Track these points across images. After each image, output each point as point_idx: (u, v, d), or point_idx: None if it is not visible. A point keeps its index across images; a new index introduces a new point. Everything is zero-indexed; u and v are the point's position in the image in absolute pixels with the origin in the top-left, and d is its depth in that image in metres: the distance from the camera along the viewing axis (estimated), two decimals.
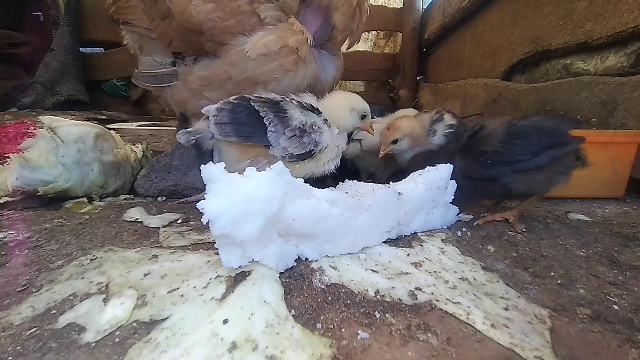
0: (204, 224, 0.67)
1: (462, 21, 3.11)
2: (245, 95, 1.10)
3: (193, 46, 1.22)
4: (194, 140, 1.07)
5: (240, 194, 0.67)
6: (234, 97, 1.09)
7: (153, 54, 1.40)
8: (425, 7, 4.12)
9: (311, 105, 1.15)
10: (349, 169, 1.69)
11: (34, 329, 0.59)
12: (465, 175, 1.05)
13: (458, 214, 1.08)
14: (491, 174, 1.02)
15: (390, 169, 1.63)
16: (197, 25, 1.15)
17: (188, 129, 1.09)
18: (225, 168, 1.06)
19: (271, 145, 1.05)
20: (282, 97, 1.12)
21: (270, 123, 1.04)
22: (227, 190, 0.67)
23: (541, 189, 1.06)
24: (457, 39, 3.31)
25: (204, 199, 1.21)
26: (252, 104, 1.06)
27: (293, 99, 1.13)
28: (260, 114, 1.04)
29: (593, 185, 1.37)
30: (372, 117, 1.35)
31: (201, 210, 0.66)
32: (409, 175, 1.06)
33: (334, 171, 1.23)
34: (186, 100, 1.30)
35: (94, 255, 0.83)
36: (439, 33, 3.60)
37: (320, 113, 1.15)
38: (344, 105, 1.21)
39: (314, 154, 1.10)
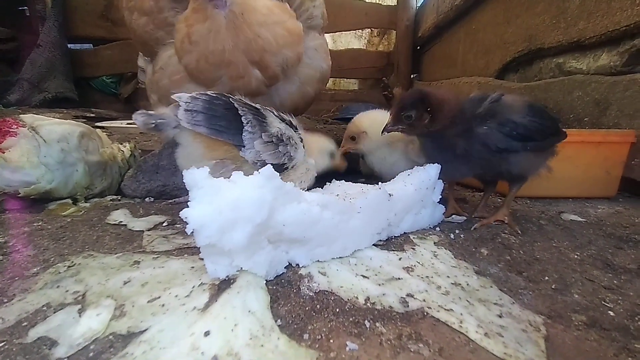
0: (188, 234, 0.63)
1: (456, 19, 3.10)
2: (225, 93, 1.04)
3: (146, 52, 1.25)
4: (153, 125, 0.96)
5: (227, 201, 0.63)
6: (212, 91, 1.02)
7: None
8: (419, 5, 4.10)
9: (290, 120, 1.11)
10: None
11: (2, 344, 0.55)
12: (479, 142, 0.96)
13: (443, 213, 1.06)
14: (506, 146, 0.96)
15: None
16: (141, 38, 1.17)
17: (149, 111, 0.99)
18: (184, 164, 0.98)
19: (244, 146, 0.97)
20: (261, 106, 1.07)
21: (248, 123, 0.97)
22: (212, 197, 0.63)
23: (531, 174, 1.05)
24: (451, 37, 3.30)
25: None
26: (232, 101, 0.99)
27: (272, 110, 1.08)
28: (239, 112, 0.97)
29: (585, 185, 1.36)
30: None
31: (184, 220, 0.62)
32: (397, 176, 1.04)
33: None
34: (150, 92, 1.35)
35: (72, 262, 0.79)
36: (433, 31, 3.59)
37: (297, 130, 1.12)
38: (323, 147, 1.22)
39: (286, 168, 1.04)
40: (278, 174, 0.68)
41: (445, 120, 0.98)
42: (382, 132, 1.08)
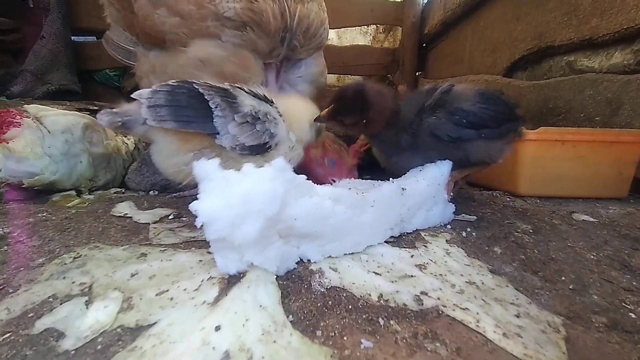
0: (198, 227, 0.62)
1: (463, 16, 3.06)
2: (187, 79, 0.97)
3: (159, 46, 1.18)
4: (120, 123, 0.91)
5: (238, 193, 0.61)
6: (173, 80, 0.96)
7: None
8: (425, 1, 4.06)
9: (264, 95, 1.03)
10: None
11: (8, 334, 0.54)
12: (429, 133, 0.97)
13: (454, 212, 1.04)
14: (459, 135, 0.97)
15: None
16: (160, 35, 1.10)
17: (114, 109, 0.93)
18: (160, 161, 0.94)
19: (218, 133, 0.90)
20: (231, 85, 0.99)
21: (217, 107, 0.90)
22: (223, 190, 0.61)
23: (493, 160, 1.04)
24: (458, 34, 3.26)
25: (198, 193, 1.14)
26: (196, 87, 0.92)
27: (243, 87, 1.00)
28: (205, 97, 0.90)
29: (596, 185, 1.34)
30: None
31: (194, 212, 0.60)
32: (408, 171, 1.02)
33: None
34: (140, 80, 1.28)
35: (77, 253, 0.78)
36: (440, 28, 3.55)
37: (274, 104, 1.03)
38: (304, 118, 1.09)
39: (269, 147, 0.97)
40: (289, 166, 0.66)
41: (384, 118, 0.99)
42: (314, 120, 1.06)
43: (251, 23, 1.10)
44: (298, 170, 0.72)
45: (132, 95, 0.92)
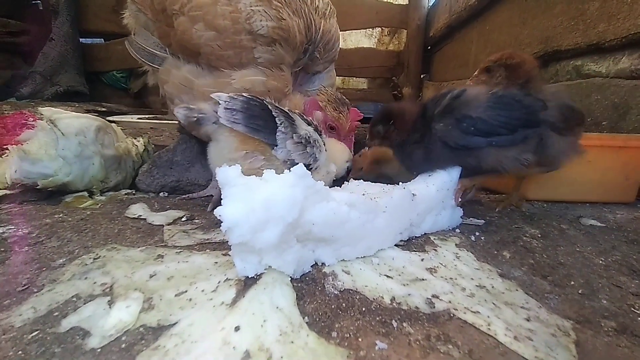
0: (223, 232, 0.64)
1: (469, 19, 3.07)
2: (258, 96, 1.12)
3: (190, 57, 1.25)
4: (195, 119, 1.03)
5: (260, 199, 0.63)
6: (246, 93, 1.09)
7: (154, 34, 1.40)
8: (431, 4, 4.07)
9: (316, 125, 1.18)
10: None
11: (36, 332, 0.56)
12: (439, 140, 0.97)
13: (462, 216, 1.05)
14: (467, 143, 0.95)
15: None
16: (196, 48, 1.18)
17: (191, 106, 1.05)
18: (216, 156, 1.02)
19: (276, 145, 1.03)
20: (289, 110, 1.15)
21: (281, 124, 1.03)
22: (245, 195, 0.63)
23: (509, 169, 0.98)
24: (463, 37, 3.27)
25: (207, 195, 1.18)
26: (266, 103, 1.06)
27: (299, 114, 1.15)
28: (273, 113, 1.04)
29: (604, 190, 1.34)
30: None
31: (219, 217, 0.62)
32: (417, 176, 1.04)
33: None
34: (165, 84, 1.33)
35: (96, 254, 0.80)
36: (445, 31, 3.56)
37: (321, 134, 1.18)
38: (343, 158, 1.28)
39: (310, 168, 1.08)
40: (309, 172, 0.68)
41: (408, 126, 1.05)
42: (364, 148, 1.21)
43: (280, 39, 1.20)
44: None
45: (211, 95, 1.03)
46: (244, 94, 1.07)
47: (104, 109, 3.62)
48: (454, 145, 0.96)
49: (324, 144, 1.17)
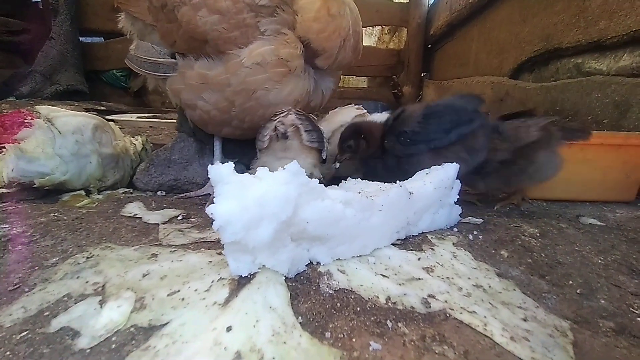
0: (215, 230, 0.63)
1: (469, 17, 3.06)
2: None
3: (196, 50, 1.23)
4: (280, 135, 1.12)
5: (253, 197, 0.62)
6: (295, 113, 1.16)
7: (152, 41, 1.37)
8: (431, 2, 4.05)
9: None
10: None
11: (25, 333, 0.55)
12: (390, 155, 1.15)
13: (460, 214, 1.05)
14: (410, 152, 1.11)
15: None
16: (202, 35, 1.16)
17: (282, 120, 1.14)
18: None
19: (324, 149, 1.18)
20: (308, 114, 1.23)
21: (322, 131, 1.19)
22: (238, 193, 0.62)
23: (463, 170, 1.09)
24: (463, 35, 3.25)
25: (205, 194, 1.17)
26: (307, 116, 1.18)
27: (310, 115, 1.24)
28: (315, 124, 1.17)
29: (604, 188, 1.33)
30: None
31: (211, 216, 0.61)
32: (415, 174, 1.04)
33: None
34: (181, 91, 1.30)
35: (90, 253, 0.79)
36: (445, 29, 3.54)
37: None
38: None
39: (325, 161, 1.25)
40: (303, 170, 0.67)
41: (377, 141, 1.19)
42: (333, 164, 1.28)
43: (280, 3, 1.19)
44: None
45: (293, 122, 1.13)
46: (302, 117, 1.14)
47: (103, 108, 3.61)
48: (402, 155, 1.13)
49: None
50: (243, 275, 0.68)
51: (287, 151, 1.14)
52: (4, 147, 1.21)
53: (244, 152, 1.50)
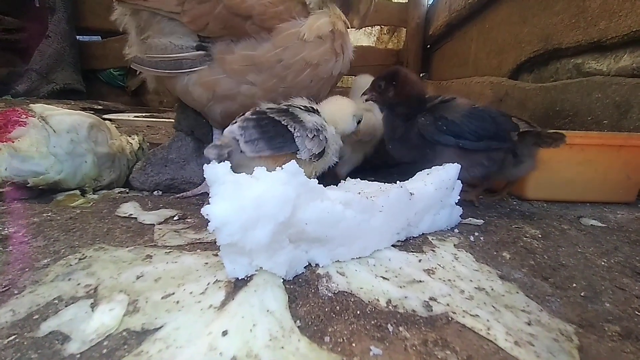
0: (210, 231, 0.61)
1: (468, 17, 3.05)
2: (257, 108, 1.12)
3: (233, 30, 1.18)
4: (226, 155, 1.02)
5: (250, 198, 0.60)
6: (249, 112, 1.10)
7: (168, 36, 1.27)
8: (430, 2, 4.04)
9: (312, 107, 1.19)
10: None
11: (13, 337, 0.53)
12: (418, 133, 1.15)
13: (461, 215, 1.03)
14: (439, 139, 1.12)
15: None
16: (247, 11, 1.14)
17: (217, 143, 1.06)
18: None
19: (299, 150, 1.06)
20: (286, 105, 1.15)
21: (295, 130, 1.05)
22: (235, 193, 0.60)
23: (469, 173, 1.13)
24: (463, 35, 3.25)
25: (201, 193, 1.15)
26: (271, 115, 1.07)
27: (296, 105, 1.16)
28: (282, 123, 1.05)
29: (605, 189, 1.32)
30: None
31: (206, 217, 0.59)
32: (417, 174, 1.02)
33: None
34: (218, 82, 1.23)
35: (83, 254, 0.77)
36: (445, 29, 3.53)
37: (319, 113, 1.19)
38: (348, 112, 1.27)
39: (325, 151, 1.13)
40: (302, 170, 0.66)
41: (403, 97, 1.17)
42: (361, 98, 1.27)
43: None
44: None
45: (224, 132, 1.07)
46: (248, 116, 1.07)
47: (100, 107, 3.58)
48: (429, 139, 1.12)
49: (324, 119, 1.18)
50: (240, 278, 0.66)
51: (241, 167, 0.99)
52: None
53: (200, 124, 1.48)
